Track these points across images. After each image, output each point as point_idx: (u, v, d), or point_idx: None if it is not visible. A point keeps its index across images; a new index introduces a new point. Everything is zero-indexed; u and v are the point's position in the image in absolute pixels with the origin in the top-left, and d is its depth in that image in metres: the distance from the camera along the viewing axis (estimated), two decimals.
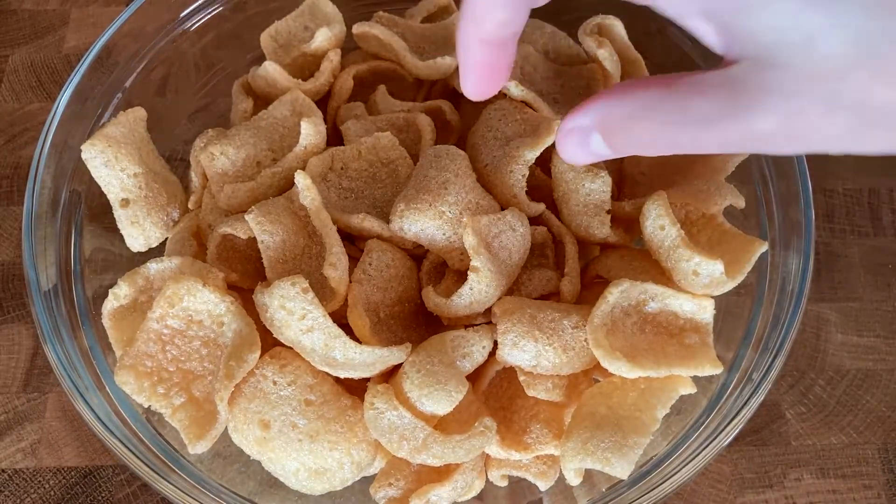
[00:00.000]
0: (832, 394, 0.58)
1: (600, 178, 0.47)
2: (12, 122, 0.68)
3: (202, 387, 0.44)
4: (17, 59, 0.71)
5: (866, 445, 0.56)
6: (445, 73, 0.54)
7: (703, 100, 0.30)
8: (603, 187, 0.47)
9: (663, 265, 0.45)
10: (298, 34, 0.57)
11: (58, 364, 0.45)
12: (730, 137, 0.30)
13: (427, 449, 0.41)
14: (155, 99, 0.57)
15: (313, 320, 0.41)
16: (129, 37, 0.55)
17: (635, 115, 0.33)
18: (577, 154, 0.37)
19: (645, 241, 0.46)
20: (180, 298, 0.44)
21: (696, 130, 0.31)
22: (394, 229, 0.46)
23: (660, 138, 0.33)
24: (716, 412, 0.45)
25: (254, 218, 0.45)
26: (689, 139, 0.32)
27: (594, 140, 0.36)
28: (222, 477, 0.46)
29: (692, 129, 0.31)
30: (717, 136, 0.31)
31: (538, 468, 0.46)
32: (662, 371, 0.43)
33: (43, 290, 0.47)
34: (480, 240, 0.43)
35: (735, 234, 0.47)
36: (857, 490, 0.54)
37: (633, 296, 0.45)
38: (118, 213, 0.50)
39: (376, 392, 0.43)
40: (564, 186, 0.48)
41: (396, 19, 0.56)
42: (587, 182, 0.47)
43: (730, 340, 0.48)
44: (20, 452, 0.56)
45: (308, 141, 0.49)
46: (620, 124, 0.34)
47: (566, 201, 0.48)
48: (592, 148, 0.36)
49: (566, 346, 0.43)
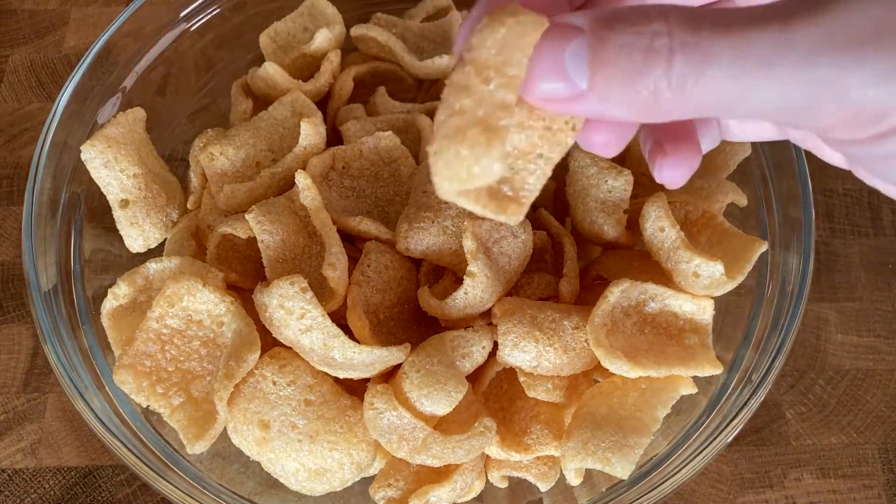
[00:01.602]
0: (832, 394, 0.58)
1: (623, 175, 0.46)
2: (12, 122, 0.68)
3: (201, 387, 0.44)
4: (16, 59, 0.71)
5: (866, 445, 0.56)
6: (445, 73, 0.54)
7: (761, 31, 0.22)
8: (625, 185, 0.46)
9: (663, 266, 0.45)
10: (298, 35, 0.57)
11: (57, 364, 0.45)
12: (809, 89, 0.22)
13: (426, 449, 0.41)
14: (155, 99, 0.57)
15: (312, 320, 0.41)
16: (128, 37, 0.54)
17: (657, 35, 0.23)
18: (537, 68, 0.24)
19: (645, 243, 0.46)
20: (180, 298, 0.44)
21: (750, 75, 0.22)
22: (400, 249, 0.46)
23: (685, 87, 0.23)
24: (716, 412, 0.45)
25: (254, 217, 0.45)
26: (738, 91, 0.23)
27: (573, 49, 0.24)
28: (222, 477, 0.46)
29: (741, 75, 0.22)
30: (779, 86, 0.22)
31: (538, 469, 0.46)
32: (663, 371, 0.42)
33: (43, 291, 0.47)
34: (480, 244, 0.43)
35: (735, 233, 0.47)
36: (857, 490, 0.54)
37: (633, 296, 0.45)
38: (117, 214, 0.50)
39: (376, 392, 0.43)
40: (584, 181, 0.47)
41: (395, 20, 0.56)
42: (610, 179, 0.46)
43: (730, 340, 0.48)
44: (20, 452, 0.56)
45: (307, 141, 0.49)
46: (624, 42, 0.23)
47: (583, 197, 0.47)
48: (565, 60, 0.24)
49: (567, 347, 0.43)
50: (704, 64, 0.23)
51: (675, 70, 0.23)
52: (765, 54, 0.22)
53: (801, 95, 0.23)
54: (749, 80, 0.23)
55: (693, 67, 0.23)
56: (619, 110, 0.24)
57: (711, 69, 0.23)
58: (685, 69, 0.23)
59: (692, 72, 0.23)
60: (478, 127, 0.23)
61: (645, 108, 0.24)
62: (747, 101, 0.23)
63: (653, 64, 0.23)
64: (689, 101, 0.23)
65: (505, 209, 0.26)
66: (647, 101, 0.24)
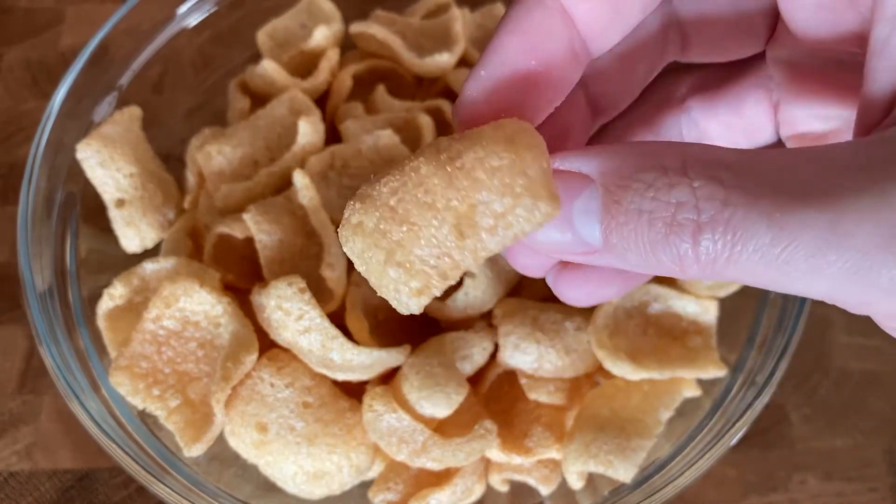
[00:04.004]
0: (837, 396, 0.57)
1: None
2: (7, 120, 0.68)
3: (198, 389, 0.44)
4: (12, 57, 0.70)
5: (872, 448, 0.55)
6: (444, 70, 0.53)
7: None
8: None
9: None
10: (296, 32, 0.57)
11: (53, 365, 0.45)
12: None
13: (426, 452, 0.41)
14: (151, 97, 0.57)
15: (310, 321, 0.41)
16: (125, 35, 0.54)
17: (680, 208, 0.20)
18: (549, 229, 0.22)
19: None
20: (177, 299, 0.43)
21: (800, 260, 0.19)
22: None
23: (716, 264, 0.20)
24: (719, 414, 0.45)
25: (251, 217, 0.45)
26: (778, 277, 0.20)
27: (582, 204, 0.22)
28: (219, 480, 0.46)
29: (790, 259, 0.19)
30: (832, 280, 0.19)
31: (540, 472, 0.46)
32: (666, 373, 0.42)
33: (38, 291, 0.47)
34: None
35: None
36: (862, 493, 0.54)
37: (636, 297, 0.44)
38: (113, 214, 0.50)
39: (375, 394, 0.42)
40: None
41: (394, 17, 0.56)
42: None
43: (734, 342, 0.48)
44: (15, 455, 0.56)
45: (306, 140, 0.49)
46: (642, 207, 0.21)
47: None
48: (573, 214, 0.22)
49: (569, 348, 0.43)
50: (738, 244, 0.20)
51: (702, 248, 0.20)
52: (813, 246, 0.19)
53: (856, 294, 0.20)
54: (792, 273, 0.20)
55: (724, 247, 0.20)
56: (637, 268, 0.22)
57: (747, 251, 0.20)
58: (715, 249, 0.20)
59: (723, 251, 0.20)
60: (418, 276, 0.21)
61: (667, 272, 0.21)
62: (790, 287, 0.20)
63: (677, 238, 0.20)
64: (721, 276, 0.21)
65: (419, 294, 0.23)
66: (671, 269, 0.21)
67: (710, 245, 0.20)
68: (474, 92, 0.24)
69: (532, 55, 0.23)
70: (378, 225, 0.21)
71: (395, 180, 0.22)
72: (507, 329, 0.43)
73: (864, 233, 0.19)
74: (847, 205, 0.19)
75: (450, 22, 0.55)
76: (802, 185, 0.19)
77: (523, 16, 0.23)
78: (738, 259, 0.20)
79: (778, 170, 0.20)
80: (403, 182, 0.21)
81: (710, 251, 0.20)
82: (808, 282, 0.20)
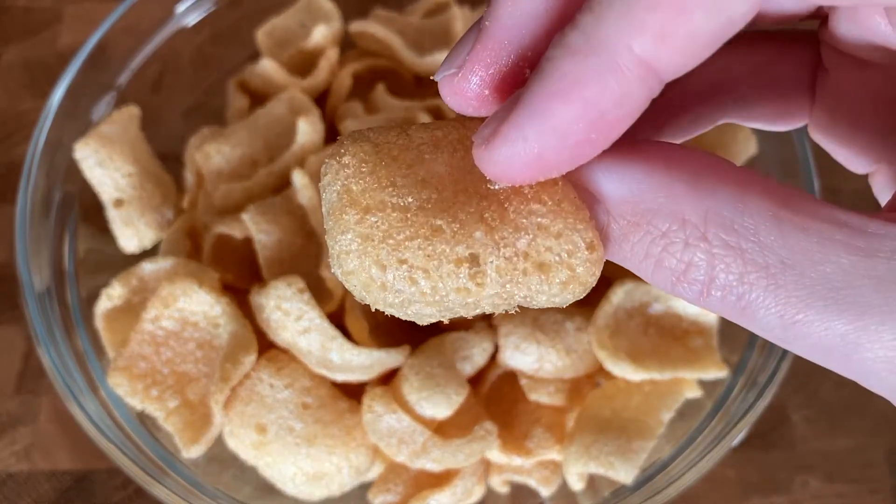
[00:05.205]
0: (839, 397, 0.57)
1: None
2: (5, 120, 0.68)
3: (197, 389, 0.44)
4: (10, 56, 0.70)
5: (874, 449, 0.55)
6: None
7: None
8: None
9: None
10: (295, 31, 0.57)
11: (51, 366, 0.45)
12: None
13: (426, 453, 0.41)
14: (150, 97, 0.57)
15: (310, 321, 0.41)
16: (123, 34, 0.54)
17: (692, 268, 0.19)
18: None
19: None
20: (175, 299, 0.43)
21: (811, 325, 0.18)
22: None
23: (731, 314, 0.19)
24: (720, 415, 0.45)
25: (250, 217, 0.45)
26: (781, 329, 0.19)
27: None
28: (218, 481, 0.46)
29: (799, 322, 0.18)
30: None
31: (540, 473, 0.46)
32: (666, 374, 0.42)
33: (36, 292, 0.47)
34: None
35: None
36: (863, 494, 0.54)
37: (636, 297, 0.44)
38: (111, 214, 0.50)
39: (374, 395, 0.42)
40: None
41: (394, 16, 0.55)
42: None
43: (735, 342, 0.48)
44: (14, 456, 0.55)
45: (305, 139, 0.48)
46: (653, 252, 0.20)
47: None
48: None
49: (569, 349, 0.43)
50: (747, 313, 0.19)
51: (711, 300, 0.19)
52: (823, 349, 0.18)
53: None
54: (800, 351, 0.19)
55: (733, 309, 0.19)
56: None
57: (756, 322, 0.19)
58: (723, 306, 0.19)
59: (732, 312, 0.19)
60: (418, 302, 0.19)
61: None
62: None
63: (684, 290, 0.19)
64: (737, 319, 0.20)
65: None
66: (683, 295, 0.20)
67: (717, 302, 0.19)
68: (514, 159, 0.19)
69: (593, 129, 0.19)
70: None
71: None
72: (508, 329, 0.43)
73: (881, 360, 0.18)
74: (868, 325, 0.18)
75: (450, 21, 0.55)
76: (828, 289, 0.18)
77: (584, 81, 0.18)
78: (747, 322, 0.19)
79: (810, 262, 0.18)
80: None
81: (719, 308, 0.19)
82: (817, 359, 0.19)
